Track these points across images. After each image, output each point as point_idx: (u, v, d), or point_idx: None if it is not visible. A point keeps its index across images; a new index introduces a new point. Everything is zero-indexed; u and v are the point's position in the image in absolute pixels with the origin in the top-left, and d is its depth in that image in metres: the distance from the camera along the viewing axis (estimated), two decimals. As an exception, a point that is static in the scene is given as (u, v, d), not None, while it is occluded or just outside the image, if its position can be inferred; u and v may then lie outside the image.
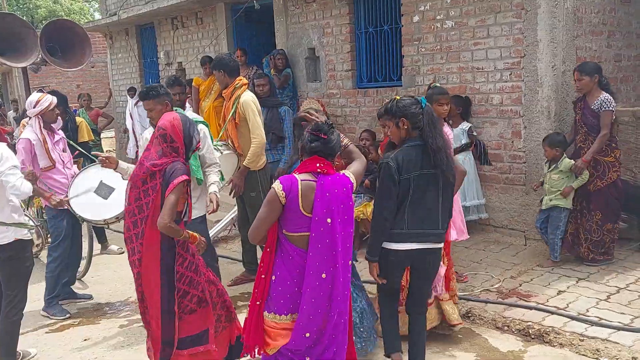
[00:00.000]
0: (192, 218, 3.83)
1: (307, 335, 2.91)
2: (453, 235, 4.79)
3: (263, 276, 3.03)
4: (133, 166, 3.94)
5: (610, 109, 5.19)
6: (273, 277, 3.00)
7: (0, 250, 4.08)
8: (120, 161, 4.27)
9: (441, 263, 3.95)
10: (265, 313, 3.04)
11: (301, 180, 2.96)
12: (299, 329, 2.92)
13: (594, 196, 5.31)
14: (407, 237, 3.50)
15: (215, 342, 3.61)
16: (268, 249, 3.04)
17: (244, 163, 5.34)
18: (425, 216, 3.49)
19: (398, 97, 3.63)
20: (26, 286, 4.26)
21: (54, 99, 5.14)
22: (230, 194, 5.54)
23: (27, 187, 4.02)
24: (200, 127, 4.44)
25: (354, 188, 3.09)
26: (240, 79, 5.47)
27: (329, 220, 2.90)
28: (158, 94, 4.45)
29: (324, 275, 2.90)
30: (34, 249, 5.90)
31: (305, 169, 3.00)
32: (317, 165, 2.97)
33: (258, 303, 3.04)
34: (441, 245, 3.66)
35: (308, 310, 2.90)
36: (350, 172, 3.14)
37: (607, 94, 5.26)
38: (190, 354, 3.56)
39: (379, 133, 6.27)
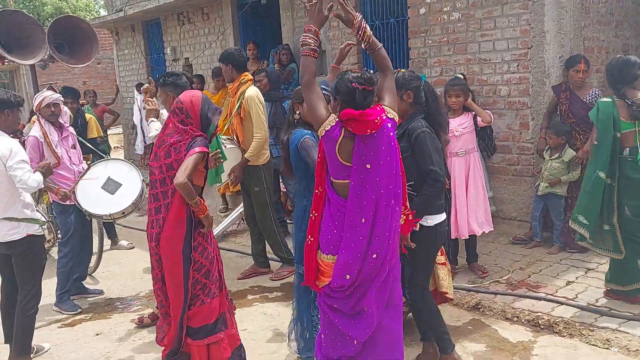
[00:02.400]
0: None
1: (347, 277, 2.94)
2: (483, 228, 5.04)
3: (312, 217, 3.09)
4: None
5: None
6: (321, 218, 3.06)
7: (13, 246, 4.12)
8: None
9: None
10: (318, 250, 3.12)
11: (344, 134, 2.90)
12: (338, 271, 2.96)
13: None
14: (444, 207, 3.63)
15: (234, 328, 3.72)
16: (317, 191, 3.08)
17: (245, 155, 5.37)
18: None
19: (402, 70, 3.62)
20: (40, 281, 4.30)
21: (50, 97, 5.09)
22: (230, 185, 5.57)
23: (34, 181, 4.03)
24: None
25: (396, 121, 3.00)
26: (246, 75, 5.49)
27: (368, 166, 2.88)
28: (164, 83, 4.66)
29: (363, 220, 2.90)
30: (46, 245, 5.95)
31: (347, 116, 2.89)
32: (360, 115, 2.87)
33: (310, 240, 3.10)
34: None
35: (347, 255, 2.93)
36: (387, 105, 3.02)
37: (596, 89, 5.45)
38: (209, 342, 3.60)
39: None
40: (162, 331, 3.70)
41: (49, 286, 5.43)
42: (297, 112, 3.79)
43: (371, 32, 3.10)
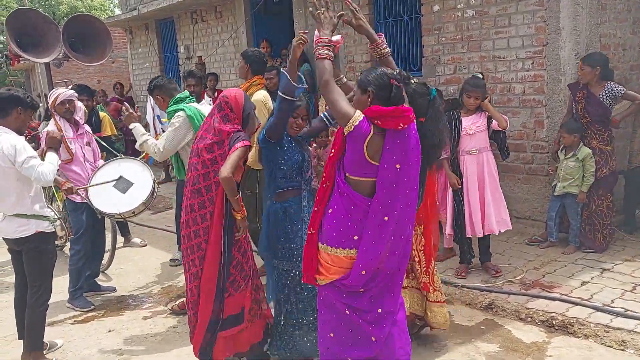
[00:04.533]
0: None
1: (364, 273, 2.90)
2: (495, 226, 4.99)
3: (316, 209, 3.04)
4: None
5: (623, 89, 5.39)
6: (330, 210, 2.99)
7: (23, 243, 4.14)
8: None
9: None
10: (319, 244, 3.04)
11: (374, 131, 2.81)
12: (357, 267, 2.91)
13: (602, 182, 5.43)
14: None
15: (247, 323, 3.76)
16: (324, 185, 3.02)
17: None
18: None
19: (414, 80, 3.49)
20: (50, 278, 4.31)
21: (64, 93, 5.16)
22: None
23: (50, 173, 4.00)
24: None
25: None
26: (260, 77, 5.51)
27: (397, 166, 2.83)
28: (150, 90, 4.81)
29: (386, 219, 2.86)
30: (59, 242, 5.98)
31: (377, 113, 2.81)
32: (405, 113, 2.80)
33: (310, 232, 3.05)
34: None
35: (367, 251, 2.88)
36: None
37: (610, 82, 5.38)
38: (225, 336, 3.68)
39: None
40: (193, 320, 3.75)
41: (62, 283, 5.47)
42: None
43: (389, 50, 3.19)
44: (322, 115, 3.97)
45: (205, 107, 4.81)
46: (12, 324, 4.50)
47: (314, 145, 5.91)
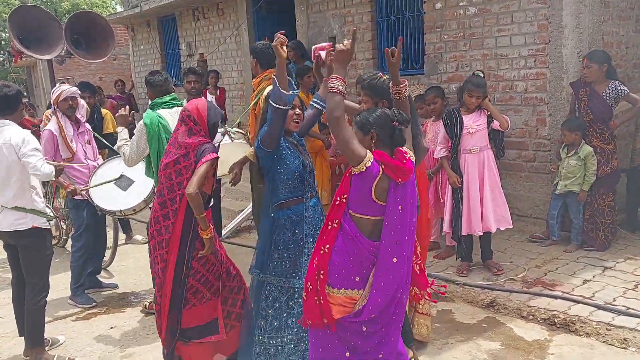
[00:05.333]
0: None
1: (372, 316, 2.89)
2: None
3: (322, 252, 2.98)
4: None
5: (627, 90, 5.34)
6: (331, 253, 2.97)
7: (18, 237, 4.14)
8: None
9: None
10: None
11: (382, 172, 2.82)
12: (366, 311, 2.89)
13: (603, 181, 5.42)
14: None
15: (225, 334, 3.65)
16: (329, 227, 2.99)
17: (245, 154, 5.26)
18: None
19: (386, 77, 3.51)
20: (47, 274, 4.30)
21: (68, 90, 5.17)
22: (229, 182, 5.52)
23: (47, 169, 4.03)
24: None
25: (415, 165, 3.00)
26: (270, 71, 5.47)
27: (400, 207, 2.85)
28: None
29: (395, 260, 2.86)
30: (53, 242, 5.96)
31: (387, 162, 2.84)
32: (405, 158, 2.86)
33: (321, 275, 2.98)
34: None
35: (377, 294, 2.87)
36: (408, 147, 2.99)
37: (615, 81, 5.35)
38: (200, 342, 3.62)
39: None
40: (159, 327, 3.69)
41: (64, 280, 5.48)
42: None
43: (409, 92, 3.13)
44: (311, 102, 3.81)
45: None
46: (13, 321, 4.51)
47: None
